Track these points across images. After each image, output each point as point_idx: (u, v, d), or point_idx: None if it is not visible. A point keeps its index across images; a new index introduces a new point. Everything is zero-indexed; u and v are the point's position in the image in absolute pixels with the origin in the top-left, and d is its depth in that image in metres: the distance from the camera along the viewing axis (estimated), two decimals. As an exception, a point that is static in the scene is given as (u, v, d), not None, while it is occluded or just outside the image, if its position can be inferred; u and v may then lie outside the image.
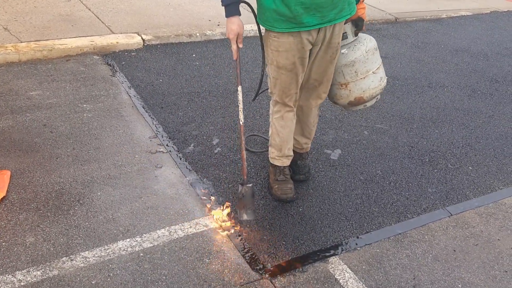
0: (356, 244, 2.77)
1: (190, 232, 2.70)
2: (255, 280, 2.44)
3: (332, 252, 2.69)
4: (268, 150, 3.14)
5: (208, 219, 2.80)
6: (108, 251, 2.51)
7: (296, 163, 3.19)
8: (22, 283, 2.28)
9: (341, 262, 2.62)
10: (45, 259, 2.42)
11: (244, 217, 2.74)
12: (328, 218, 2.94)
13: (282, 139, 2.95)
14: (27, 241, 2.52)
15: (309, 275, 2.52)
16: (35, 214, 2.70)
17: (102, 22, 5.30)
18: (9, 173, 2.95)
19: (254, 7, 2.71)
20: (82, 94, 3.97)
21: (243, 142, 2.78)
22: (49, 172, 3.03)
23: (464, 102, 4.66)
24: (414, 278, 2.58)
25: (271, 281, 2.45)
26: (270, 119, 2.99)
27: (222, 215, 2.80)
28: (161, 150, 3.39)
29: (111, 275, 2.38)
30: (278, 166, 3.04)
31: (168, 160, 3.29)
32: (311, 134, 3.14)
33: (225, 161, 3.35)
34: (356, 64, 2.80)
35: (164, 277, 2.40)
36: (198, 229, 2.72)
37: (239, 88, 2.71)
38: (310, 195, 3.13)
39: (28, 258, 2.42)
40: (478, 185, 3.42)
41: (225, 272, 2.47)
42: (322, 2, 2.48)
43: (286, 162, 3.04)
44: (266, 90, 2.98)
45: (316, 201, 3.07)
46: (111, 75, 4.35)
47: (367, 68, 2.83)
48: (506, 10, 8.26)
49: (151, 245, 2.58)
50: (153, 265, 2.46)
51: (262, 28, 2.73)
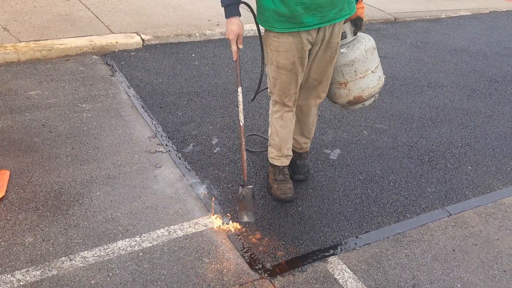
0: (355, 243, 2.77)
1: (190, 232, 2.70)
2: (254, 280, 2.44)
3: (331, 251, 2.69)
4: (267, 150, 3.14)
5: (207, 219, 2.80)
6: (107, 251, 2.51)
7: (296, 163, 3.19)
8: (21, 283, 2.28)
9: (340, 261, 2.62)
10: (44, 259, 2.42)
11: (245, 219, 2.73)
12: (327, 218, 2.94)
13: (282, 139, 2.95)
14: (26, 241, 2.51)
15: (308, 275, 2.52)
16: (34, 214, 2.69)
17: (102, 22, 5.29)
18: (8, 173, 2.95)
19: (254, 7, 2.71)
20: (81, 94, 3.97)
21: (243, 143, 2.76)
22: (48, 172, 3.03)
23: (463, 102, 4.66)
24: (413, 278, 2.58)
25: (270, 281, 2.45)
26: (269, 119, 2.99)
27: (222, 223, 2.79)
28: (161, 150, 3.39)
29: (111, 274, 2.38)
30: (277, 166, 3.04)
31: (167, 160, 3.29)
32: (311, 133, 3.14)
33: (224, 161, 3.35)
34: (356, 64, 2.80)
35: (163, 276, 2.40)
36: (198, 228, 2.72)
37: (239, 89, 2.69)
38: (309, 195, 3.13)
39: (27, 257, 2.42)
40: (477, 184, 3.43)
41: (225, 271, 2.47)
42: (323, 2, 2.47)
43: (286, 162, 3.04)
44: (265, 89, 2.98)
45: (316, 201, 3.07)
46: (110, 75, 4.35)
47: (366, 67, 2.83)
48: (506, 10, 8.26)
49: (151, 244, 2.58)
50: (152, 265, 2.46)
51: (261, 28, 2.73)
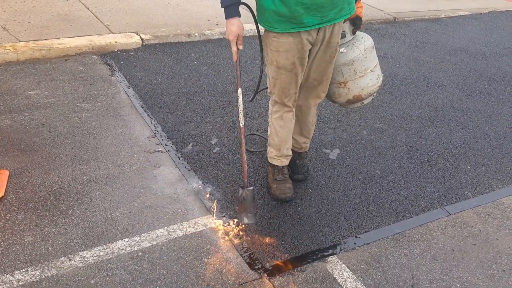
0: (355, 243, 2.77)
1: (189, 231, 2.70)
2: (253, 280, 2.44)
3: (331, 251, 2.69)
4: (266, 150, 3.14)
5: (206, 219, 2.80)
6: (106, 251, 2.51)
7: (295, 163, 3.19)
8: (20, 283, 2.28)
9: (339, 261, 2.62)
10: (43, 259, 2.42)
11: (245, 220, 2.73)
12: (326, 217, 2.94)
13: (281, 139, 2.95)
14: (25, 240, 2.51)
15: (307, 275, 2.52)
16: (33, 213, 2.69)
17: (101, 22, 5.29)
18: (7, 172, 2.95)
19: (253, 8, 2.70)
20: (80, 94, 3.97)
21: (243, 144, 2.75)
22: (48, 172, 3.03)
23: (463, 102, 4.66)
24: (412, 278, 2.58)
25: (269, 281, 2.45)
26: (269, 119, 2.99)
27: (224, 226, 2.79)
28: (160, 149, 3.39)
29: (110, 274, 2.38)
30: (276, 165, 3.04)
31: (166, 160, 3.29)
32: (310, 133, 3.14)
33: (223, 161, 3.35)
34: (355, 63, 2.81)
35: (162, 276, 2.40)
36: (197, 228, 2.72)
37: (239, 90, 2.68)
38: (308, 194, 3.13)
39: (26, 257, 2.41)
40: (476, 184, 3.43)
41: (224, 271, 2.47)
42: (323, 2, 2.47)
43: (285, 161, 3.04)
44: (265, 89, 2.98)
45: (315, 201, 3.07)
46: (109, 75, 4.34)
47: (365, 67, 2.84)
48: (505, 10, 8.27)
49: (150, 244, 2.58)
50: (152, 265, 2.46)
51: (261, 28, 2.73)
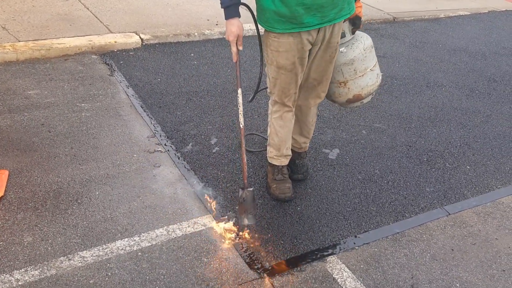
0: (354, 243, 2.77)
1: (188, 231, 2.69)
2: (253, 279, 2.44)
3: (330, 251, 2.69)
4: (266, 150, 3.14)
5: (206, 219, 2.80)
6: (106, 251, 2.51)
7: (295, 163, 3.19)
8: (19, 283, 2.28)
9: (339, 261, 2.62)
10: (43, 259, 2.41)
11: (245, 222, 2.72)
12: (326, 217, 2.94)
13: (281, 138, 2.95)
14: (25, 240, 2.51)
15: (307, 274, 2.52)
16: (33, 213, 2.69)
17: (100, 22, 5.29)
18: (7, 172, 2.95)
19: (253, 8, 2.70)
20: (80, 94, 3.96)
21: (243, 145, 2.74)
22: (47, 172, 3.03)
23: (462, 102, 4.66)
24: (412, 277, 2.58)
25: (269, 280, 2.45)
26: (268, 119, 2.99)
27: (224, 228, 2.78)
28: (159, 149, 3.38)
29: (109, 274, 2.38)
30: (276, 165, 3.04)
31: (166, 160, 3.28)
32: (310, 133, 3.14)
33: (223, 161, 3.35)
34: (355, 62, 2.81)
35: (162, 276, 2.40)
36: (196, 228, 2.72)
37: (239, 90, 2.67)
38: (308, 194, 3.13)
39: (25, 257, 2.41)
40: (476, 184, 3.43)
41: (224, 271, 2.47)
42: (323, 2, 2.47)
43: (285, 161, 3.04)
44: (265, 88, 2.97)
45: (314, 201, 3.07)
46: (109, 75, 4.34)
47: (365, 66, 2.84)
48: (504, 9, 8.28)
49: (149, 244, 2.58)
50: (151, 265, 2.46)
51: (261, 28, 2.72)
